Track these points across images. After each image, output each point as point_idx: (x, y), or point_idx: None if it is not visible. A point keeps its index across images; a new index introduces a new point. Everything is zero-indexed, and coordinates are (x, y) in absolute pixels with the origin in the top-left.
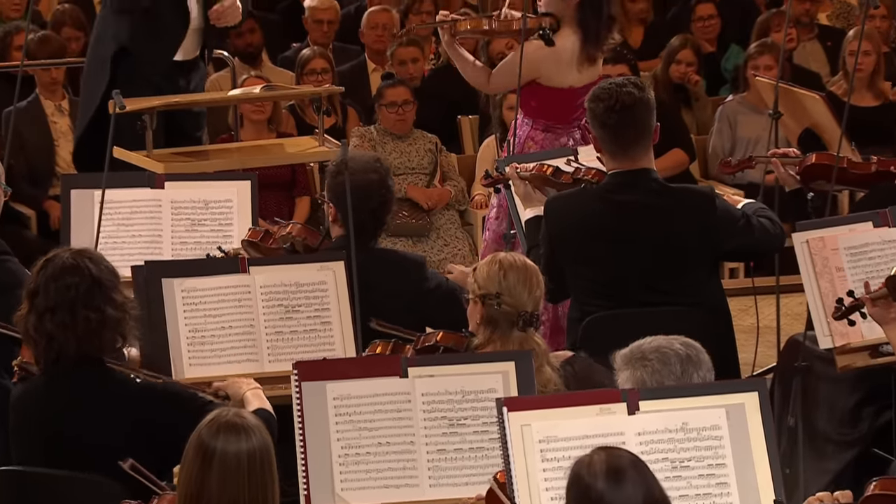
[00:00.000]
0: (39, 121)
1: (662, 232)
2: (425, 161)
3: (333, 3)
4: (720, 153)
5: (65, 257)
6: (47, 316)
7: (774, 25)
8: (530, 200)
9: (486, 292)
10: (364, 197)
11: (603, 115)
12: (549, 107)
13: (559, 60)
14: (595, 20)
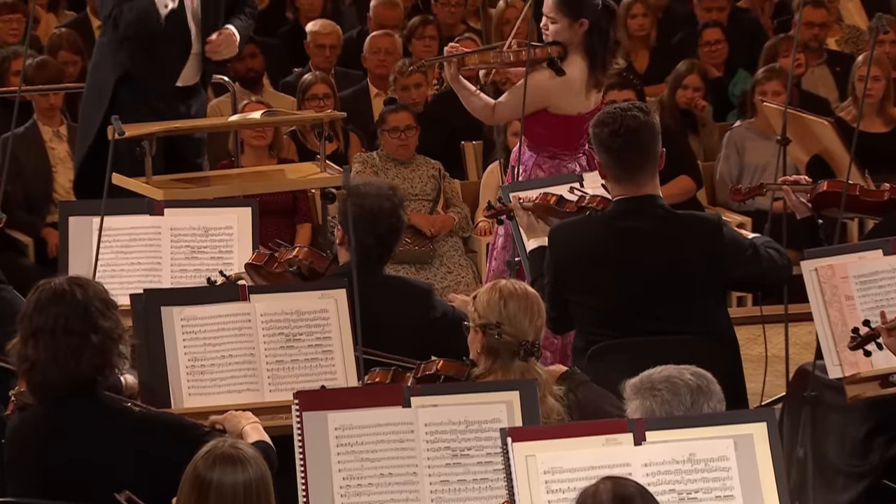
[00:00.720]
0: (37, 147)
1: (669, 259)
2: (428, 187)
3: (335, 27)
4: (727, 180)
5: (55, 283)
6: (31, 342)
7: (782, 50)
8: (534, 231)
9: (486, 322)
10: (373, 222)
11: (607, 140)
12: (557, 134)
13: (570, 89)
14: (602, 46)
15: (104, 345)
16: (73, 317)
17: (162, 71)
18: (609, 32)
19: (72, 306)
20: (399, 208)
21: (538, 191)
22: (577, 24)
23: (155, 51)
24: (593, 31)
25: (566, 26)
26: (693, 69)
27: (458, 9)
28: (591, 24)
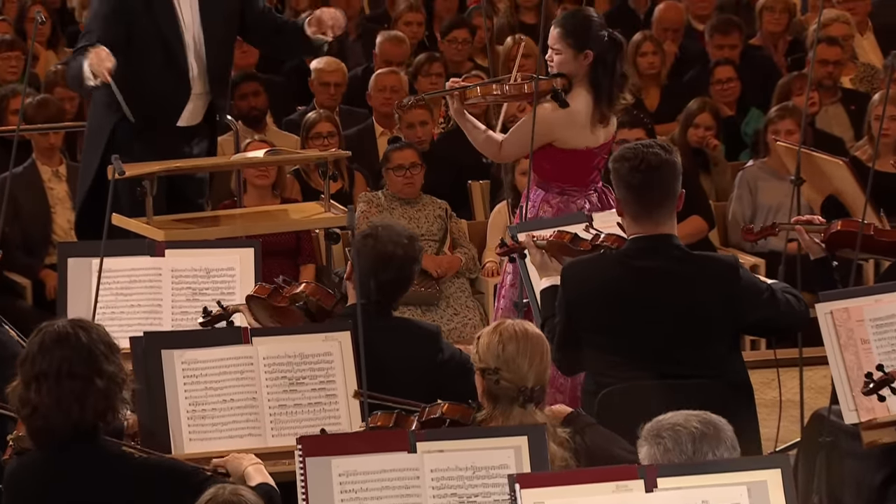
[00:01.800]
0: (36, 187)
1: (683, 300)
2: (435, 227)
3: (340, 64)
4: (740, 220)
5: (57, 326)
6: (33, 385)
7: (796, 89)
8: (546, 270)
9: (486, 366)
10: (379, 268)
11: (627, 175)
12: (565, 169)
13: (574, 122)
14: (607, 79)
15: (108, 389)
16: (77, 361)
17: (162, 112)
18: (615, 66)
19: (76, 350)
20: (411, 261)
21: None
22: (582, 55)
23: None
24: (598, 63)
25: (571, 58)
26: (705, 107)
27: (464, 46)
28: (596, 57)
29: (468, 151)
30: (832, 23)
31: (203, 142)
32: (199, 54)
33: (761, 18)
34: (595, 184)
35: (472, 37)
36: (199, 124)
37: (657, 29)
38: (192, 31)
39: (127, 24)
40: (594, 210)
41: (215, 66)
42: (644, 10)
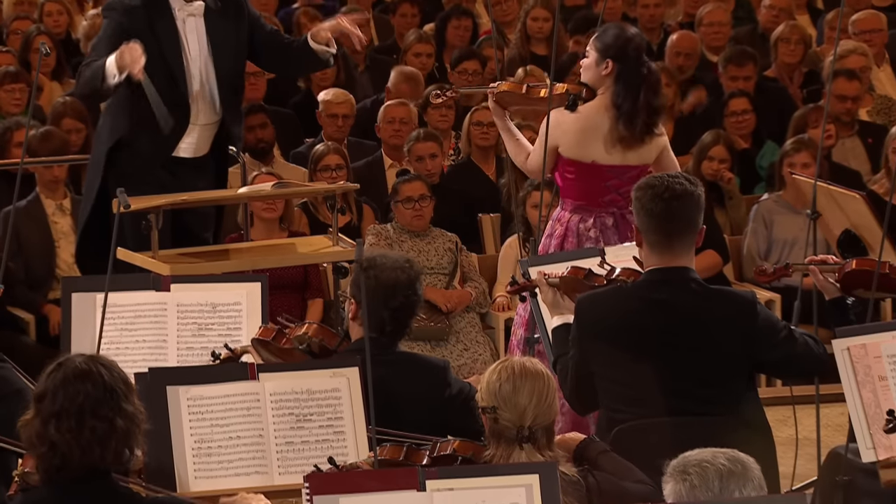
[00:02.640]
0: (39, 221)
1: (699, 335)
2: (445, 261)
3: (348, 96)
4: (755, 255)
5: (77, 362)
6: (52, 422)
7: (812, 121)
8: (558, 308)
9: (486, 405)
10: (387, 295)
11: (649, 203)
12: (574, 183)
13: (582, 128)
14: (630, 101)
15: (128, 430)
16: (99, 400)
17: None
18: (639, 91)
19: (98, 388)
20: (416, 282)
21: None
22: (604, 64)
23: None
24: (621, 81)
25: (594, 62)
26: (719, 140)
27: (475, 77)
28: (618, 73)
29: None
30: (849, 55)
31: (209, 175)
32: (205, 84)
33: (776, 50)
34: (615, 206)
35: (482, 68)
36: (204, 156)
37: (670, 55)
38: (199, 62)
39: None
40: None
41: (226, 94)
42: (657, 42)
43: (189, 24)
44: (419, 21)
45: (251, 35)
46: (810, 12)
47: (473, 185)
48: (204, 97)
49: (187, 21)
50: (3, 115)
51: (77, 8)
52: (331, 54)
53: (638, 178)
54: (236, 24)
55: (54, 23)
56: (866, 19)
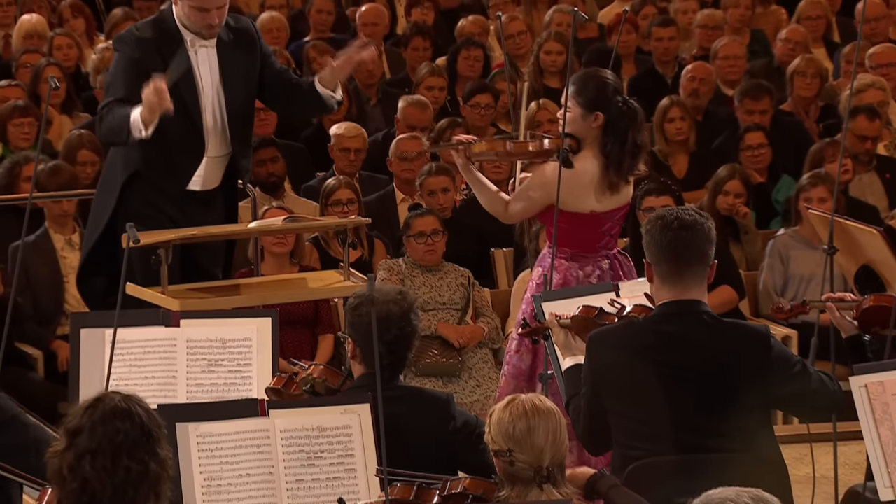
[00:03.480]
0: (48, 256)
1: (712, 369)
2: (457, 296)
3: (360, 130)
4: (771, 290)
5: (117, 400)
6: (87, 458)
7: (828, 155)
8: (570, 349)
9: (499, 448)
10: (381, 330)
11: (659, 233)
12: (571, 233)
13: (577, 184)
14: (618, 147)
15: (159, 476)
16: (136, 441)
17: (173, 173)
18: (628, 134)
19: (136, 429)
20: (409, 313)
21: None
22: (592, 117)
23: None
24: (609, 128)
25: (579, 116)
26: (734, 174)
27: (487, 111)
28: (606, 121)
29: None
30: (866, 89)
31: (218, 208)
32: (216, 116)
33: (792, 83)
34: (608, 249)
35: (495, 101)
36: (215, 190)
37: (685, 83)
38: (211, 94)
39: (146, 79)
40: (604, 275)
41: (236, 126)
42: (671, 75)
43: (202, 56)
44: (431, 54)
45: (261, 70)
46: (827, 46)
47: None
48: (216, 129)
49: (199, 52)
50: (12, 150)
51: (87, 41)
52: (336, 101)
53: (624, 218)
54: (248, 58)
55: (64, 56)
56: (883, 53)
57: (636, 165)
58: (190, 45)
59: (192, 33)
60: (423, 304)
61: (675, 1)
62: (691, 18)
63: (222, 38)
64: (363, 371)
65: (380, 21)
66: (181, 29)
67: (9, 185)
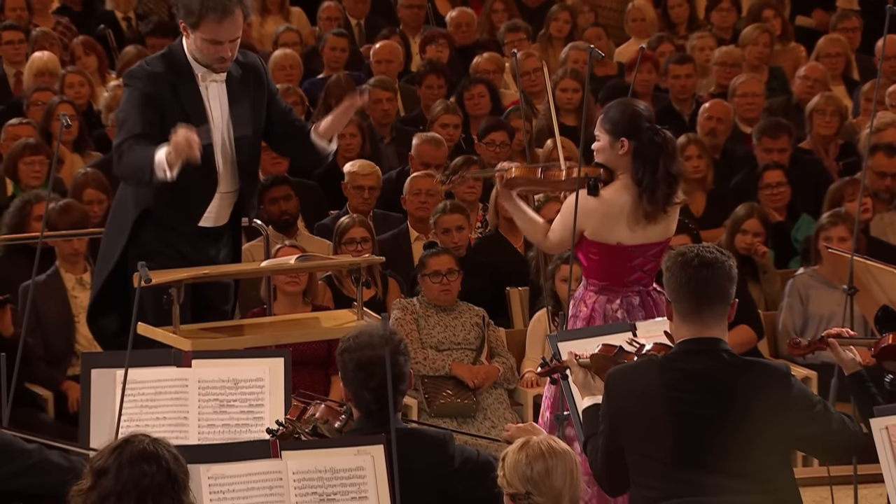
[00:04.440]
0: (59, 295)
1: (732, 407)
2: (472, 336)
3: (374, 168)
4: (791, 330)
5: (145, 443)
6: (111, 500)
7: (848, 194)
8: (589, 389)
9: (515, 491)
10: (365, 376)
11: (679, 271)
12: (600, 265)
13: (606, 213)
14: (648, 176)
15: None
16: (162, 486)
17: (186, 210)
18: (658, 162)
19: (162, 473)
20: (396, 355)
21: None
22: (618, 143)
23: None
24: (638, 156)
25: (607, 144)
26: (753, 213)
27: (503, 149)
28: (635, 148)
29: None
30: (887, 127)
31: (227, 245)
32: (226, 151)
33: (811, 121)
34: (641, 285)
35: (510, 139)
36: (223, 226)
37: (702, 121)
38: (222, 128)
39: (159, 114)
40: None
41: (246, 161)
42: (689, 113)
43: (212, 90)
44: (445, 92)
45: (267, 107)
46: (846, 83)
47: (501, 257)
48: (227, 165)
49: (210, 87)
50: (23, 188)
51: (99, 79)
52: (329, 152)
53: (661, 254)
54: (256, 93)
55: (76, 94)
56: None
57: (672, 194)
58: (200, 79)
59: (203, 67)
60: (438, 343)
61: (692, 38)
62: (709, 56)
63: (231, 72)
64: (358, 414)
65: (394, 58)
66: (192, 63)
67: (19, 224)
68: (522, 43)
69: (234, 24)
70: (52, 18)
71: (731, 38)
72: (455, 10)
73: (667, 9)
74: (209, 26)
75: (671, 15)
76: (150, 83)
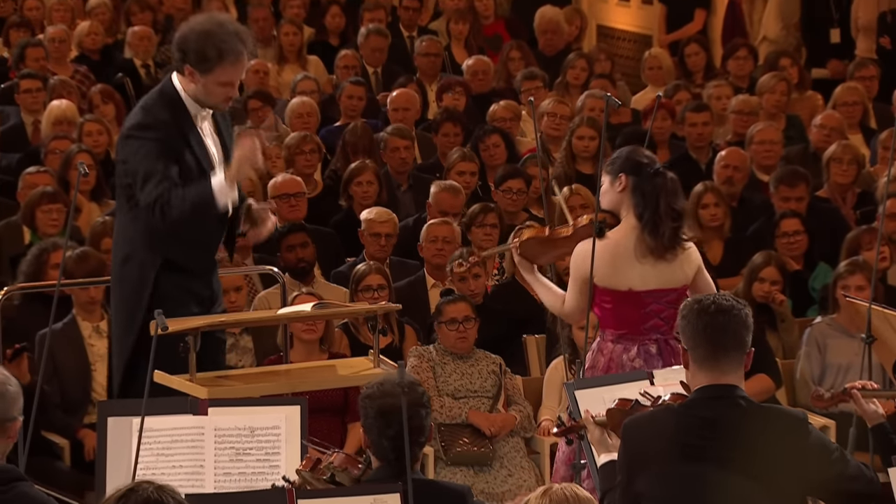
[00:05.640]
0: (76, 343)
1: (748, 454)
2: (488, 383)
3: (391, 215)
4: (808, 379)
5: (150, 490)
6: None
7: (865, 243)
8: (605, 446)
9: None
10: (385, 423)
11: (695, 318)
12: (613, 313)
13: (614, 255)
14: (650, 211)
15: None
16: None
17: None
18: (658, 197)
19: None
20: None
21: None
22: (617, 181)
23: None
24: (636, 191)
25: (608, 185)
26: (770, 261)
27: (520, 196)
28: (634, 184)
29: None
30: None
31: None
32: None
33: (829, 169)
34: (658, 333)
35: (527, 187)
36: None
37: (719, 169)
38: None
39: (176, 162)
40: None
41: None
42: (705, 161)
43: (205, 128)
44: (462, 140)
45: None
46: (863, 131)
47: (518, 305)
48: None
49: (203, 125)
50: (41, 237)
51: (117, 127)
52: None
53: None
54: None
55: (94, 142)
56: None
57: (678, 230)
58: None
59: (203, 107)
60: (454, 391)
61: (709, 86)
62: (725, 104)
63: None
64: (377, 463)
65: (411, 106)
66: (187, 103)
67: (36, 273)
68: (539, 91)
69: (244, 65)
70: (71, 67)
71: (747, 87)
72: (472, 59)
73: (683, 57)
74: (225, 70)
75: (688, 63)
76: (164, 132)
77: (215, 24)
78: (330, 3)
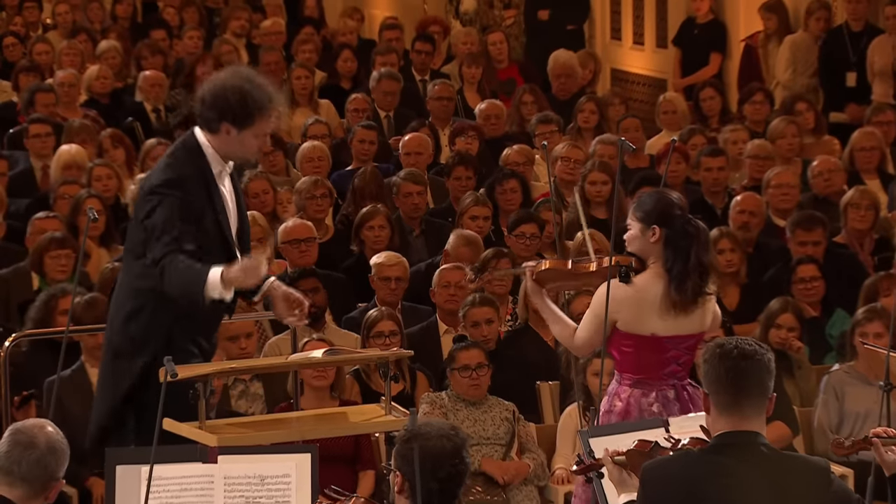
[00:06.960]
0: (84, 390)
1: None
2: (501, 431)
3: (402, 260)
4: (826, 427)
5: None
6: None
7: (883, 289)
8: (625, 486)
9: None
10: (434, 466)
11: (717, 363)
12: (633, 358)
13: (639, 301)
14: (680, 265)
15: None
16: None
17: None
18: (690, 252)
19: None
20: (461, 449)
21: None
22: (650, 231)
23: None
24: (669, 244)
25: (638, 232)
26: (787, 308)
27: (533, 241)
28: (667, 237)
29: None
30: None
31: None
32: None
33: (846, 215)
34: (676, 379)
35: (540, 231)
36: None
37: (734, 214)
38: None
39: (197, 221)
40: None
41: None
42: (721, 206)
43: (226, 185)
44: (474, 184)
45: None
46: (881, 177)
47: (531, 351)
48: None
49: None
50: (49, 282)
51: (127, 172)
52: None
53: (695, 347)
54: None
55: (104, 187)
56: None
57: (703, 285)
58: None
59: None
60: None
61: (724, 131)
62: (741, 149)
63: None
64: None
65: (423, 150)
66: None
67: (45, 319)
68: (553, 135)
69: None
70: (80, 111)
71: (763, 132)
72: (484, 103)
73: (698, 101)
74: (261, 124)
75: (703, 107)
76: (190, 192)
77: (245, 79)
78: (342, 47)
